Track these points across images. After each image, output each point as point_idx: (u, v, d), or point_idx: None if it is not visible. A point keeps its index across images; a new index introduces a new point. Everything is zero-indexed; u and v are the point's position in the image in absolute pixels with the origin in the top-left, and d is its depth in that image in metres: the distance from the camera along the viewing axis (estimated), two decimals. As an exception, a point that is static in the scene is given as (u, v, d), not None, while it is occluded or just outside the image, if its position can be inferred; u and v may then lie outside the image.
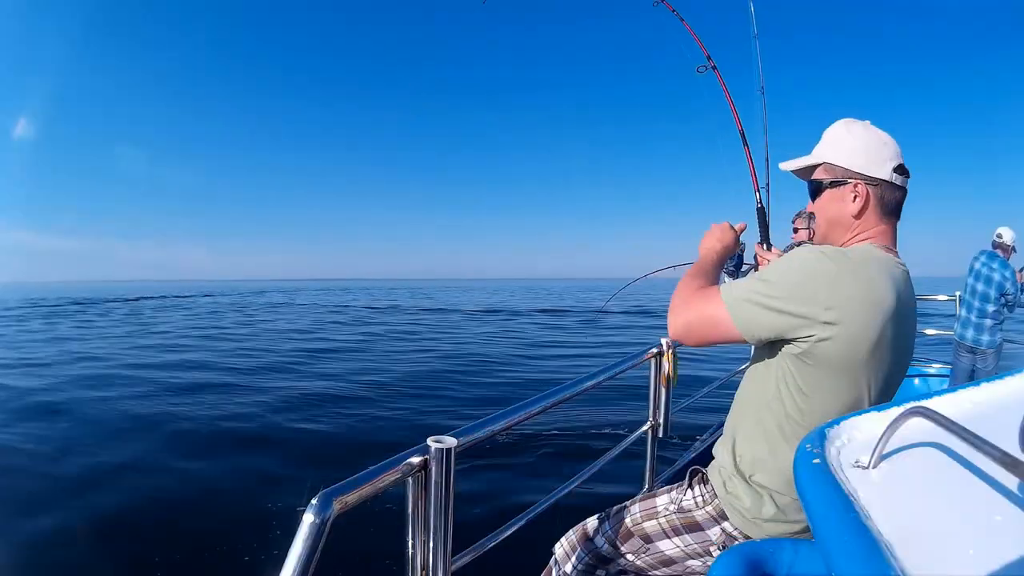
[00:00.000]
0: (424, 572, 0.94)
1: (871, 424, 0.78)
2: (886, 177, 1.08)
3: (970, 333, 4.17)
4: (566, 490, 1.50)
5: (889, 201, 1.10)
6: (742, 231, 1.36)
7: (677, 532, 1.19)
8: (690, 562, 1.19)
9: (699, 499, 1.18)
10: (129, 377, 8.93)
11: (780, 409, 1.08)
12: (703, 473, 1.22)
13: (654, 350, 1.87)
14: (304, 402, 7.07)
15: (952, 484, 0.60)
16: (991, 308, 4.10)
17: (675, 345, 1.90)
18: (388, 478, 0.88)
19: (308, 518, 0.74)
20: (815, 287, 0.98)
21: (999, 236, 4.15)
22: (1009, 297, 4.05)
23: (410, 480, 0.92)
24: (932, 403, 0.77)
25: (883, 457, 0.68)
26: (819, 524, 0.56)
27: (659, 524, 1.21)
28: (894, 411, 0.74)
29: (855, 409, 1.04)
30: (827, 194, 1.14)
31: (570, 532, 1.35)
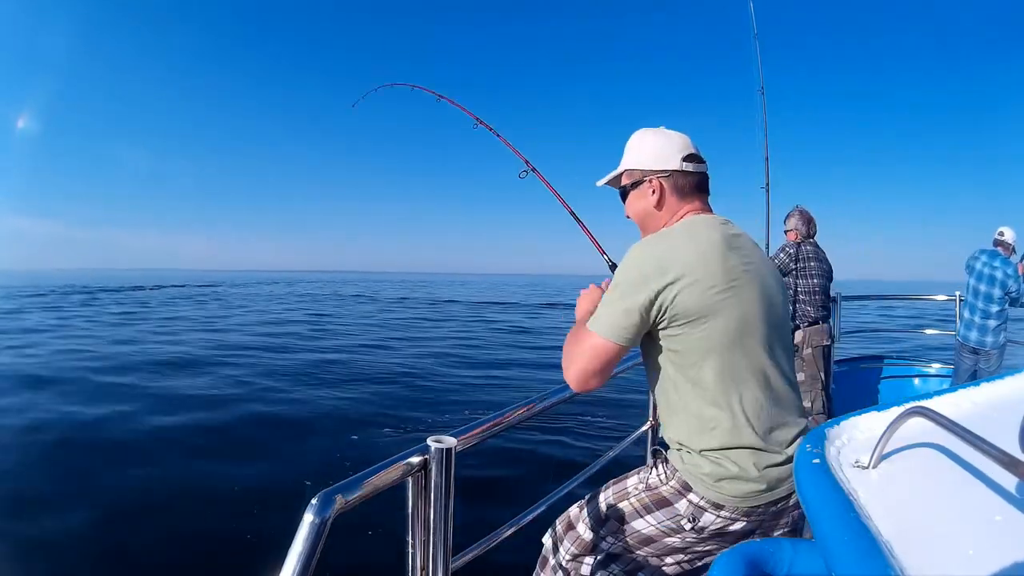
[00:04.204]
0: (424, 572, 0.94)
1: (871, 424, 0.78)
2: (675, 167, 1.26)
3: (974, 335, 4.14)
4: (566, 490, 1.50)
5: (685, 185, 1.27)
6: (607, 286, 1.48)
7: (648, 510, 1.22)
8: (668, 540, 1.21)
9: (663, 476, 1.23)
10: (124, 370, 8.94)
11: (679, 378, 1.17)
12: (664, 452, 1.28)
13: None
14: (309, 398, 7.06)
15: (952, 484, 0.60)
16: (995, 308, 4.07)
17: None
18: (388, 478, 0.88)
19: (308, 518, 0.74)
20: (648, 264, 1.12)
21: (1001, 234, 4.12)
22: (1013, 294, 4.03)
23: (410, 480, 0.92)
24: (932, 403, 0.77)
25: (883, 457, 0.68)
26: (819, 524, 0.56)
27: (631, 504, 1.24)
28: (894, 411, 0.74)
29: (745, 342, 1.13)
30: (631, 195, 1.32)
31: (555, 523, 1.37)
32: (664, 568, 1.26)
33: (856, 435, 0.77)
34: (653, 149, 1.29)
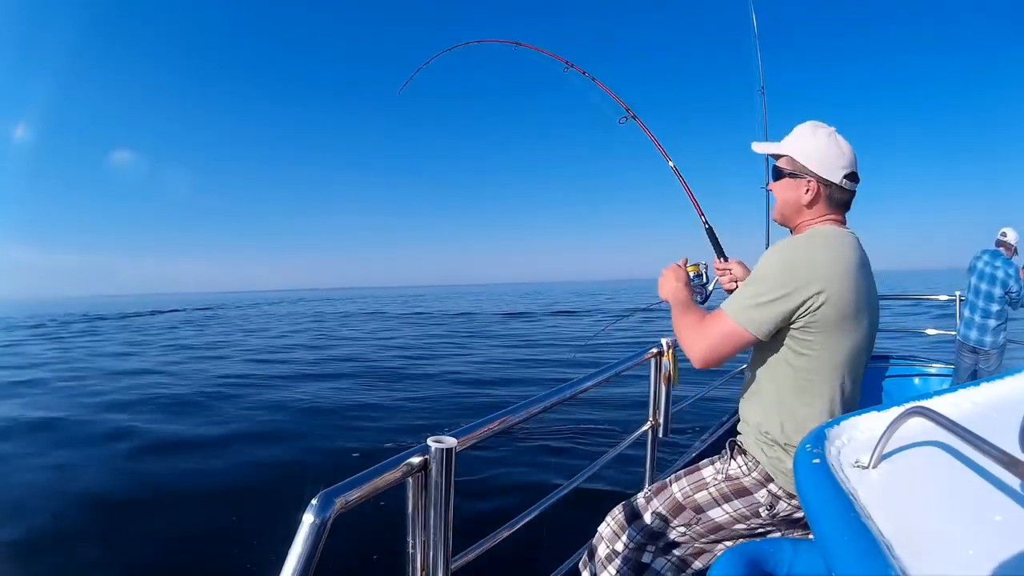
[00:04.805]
0: (424, 572, 0.94)
1: (871, 424, 0.78)
2: (836, 181, 1.27)
3: (973, 334, 4.14)
4: (566, 490, 1.50)
5: (837, 200, 1.30)
6: (685, 264, 1.56)
7: (727, 499, 1.27)
8: (737, 526, 1.28)
9: (743, 467, 1.28)
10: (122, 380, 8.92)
11: (792, 377, 1.22)
12: (740, 444, 1.31)
13: (654, 350, 1.87)
14: (310, 402, 7.07)
15: (952, 484, 0.60)
16: (995, 308, 4.06)
17: (676, 344, 1.89)
18: (388, 478, 0.88)
19: (308, 518, 0.74)
20: (797, 268, 1.16)
21: (1003, 235, 4.12)
22: (1013, 295, 4.02)
23: (410, 480, 0.92)
24: (932, 403, 0.77)
25: (883, 457, 0.68)
26: (819, 523, 0.56)
27: (710, 494, 1.29)
28: (894, 411, 0.74)
29: (855, 358, 1.19)
30: (785, 181, 1.33)
31: (615, 511, 1.40)
32: (718, 553, 1.30)
33: (856, 435, 0.77)
34: (823, 154, 1.28)
